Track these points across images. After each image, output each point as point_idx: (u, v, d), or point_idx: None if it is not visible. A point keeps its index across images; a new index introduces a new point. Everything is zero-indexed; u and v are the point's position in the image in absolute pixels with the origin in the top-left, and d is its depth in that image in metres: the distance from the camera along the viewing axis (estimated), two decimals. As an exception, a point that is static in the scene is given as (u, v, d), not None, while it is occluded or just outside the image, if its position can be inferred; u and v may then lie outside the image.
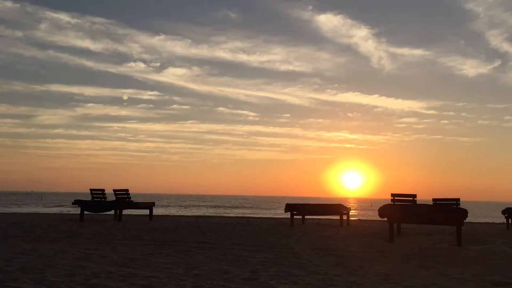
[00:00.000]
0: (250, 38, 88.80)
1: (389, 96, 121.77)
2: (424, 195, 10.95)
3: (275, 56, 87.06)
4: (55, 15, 72.32)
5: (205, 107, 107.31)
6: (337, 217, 16.59)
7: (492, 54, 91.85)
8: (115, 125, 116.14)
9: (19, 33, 77.55)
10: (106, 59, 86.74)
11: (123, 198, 15.96)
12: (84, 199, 16.51)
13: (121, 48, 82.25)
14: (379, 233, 12.56)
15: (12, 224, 13.47)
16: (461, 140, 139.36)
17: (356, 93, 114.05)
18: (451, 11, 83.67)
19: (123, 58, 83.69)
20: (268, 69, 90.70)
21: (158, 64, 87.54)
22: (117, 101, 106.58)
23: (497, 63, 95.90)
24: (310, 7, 77.48)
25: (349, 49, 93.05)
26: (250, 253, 7.71)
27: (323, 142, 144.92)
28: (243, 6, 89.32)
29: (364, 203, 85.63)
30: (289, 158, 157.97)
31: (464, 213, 9.85)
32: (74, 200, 16.14)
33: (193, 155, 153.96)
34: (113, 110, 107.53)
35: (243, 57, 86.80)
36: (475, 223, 20.89)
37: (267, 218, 23.11)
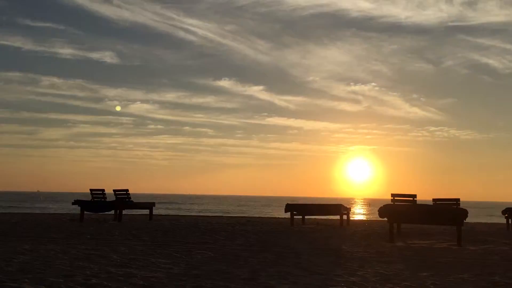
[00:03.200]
0: (186, 91, 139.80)
1: (307, 120, 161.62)
2: (421, 195, 11.23)
3: (208, 99, 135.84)
4: (48, 78, 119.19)
5: (173, 126, 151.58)
6: (337, 217, 16.58)
7: (353, 99, 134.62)
8: (105, 139, 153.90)
9: (27, 87, 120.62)
10: (89, 101, 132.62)
11: (123, 198, 15.96)
12: (84, 199, 16.51)
13: (98, 95, 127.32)
14: (379, 233, 12.57)
15: (12, 224, 13.48)
16: (397, 149, 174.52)
17: (283, 118, 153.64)
18: (295, 81, 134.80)
19: (101, 100, 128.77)
20: (205, 106, 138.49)
21: (129, 103, 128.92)
22: (103, 124, 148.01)
23: (364, 104, 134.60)
24: (211, 78, 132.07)
25: (253, 97, 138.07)
26: (250, 253, 7.70)
27: (283, 150, 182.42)
28: (170, 77, 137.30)
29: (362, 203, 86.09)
30: (265, 163, 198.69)
31: (464, 213, 9.84)
32: (74, 200, 16.11)
33: (180, 161, 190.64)
34: (101, 129, 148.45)
35: (186, 100, 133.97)
36: (475, 223, 20.89)
37: (267, 218, 23.11)
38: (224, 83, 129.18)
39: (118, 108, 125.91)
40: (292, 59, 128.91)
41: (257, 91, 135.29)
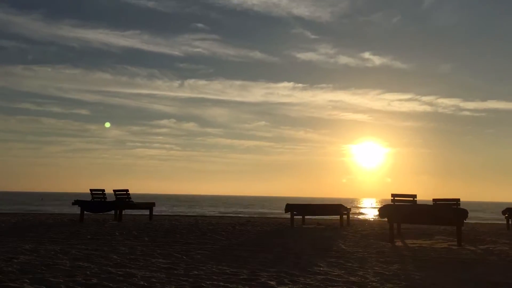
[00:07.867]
0: (143, 126, 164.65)
1: (247, 140, 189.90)
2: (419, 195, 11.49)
3: (161, 130, 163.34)
4: (46, 119, 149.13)
5: (147, 143, 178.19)
6: (337, 217, 16.58)
7: (261, 129, 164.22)
8: (97, 152, 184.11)
9: (31, 124, 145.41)
10: (78, 131, 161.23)
11: (123, 198, 15.95)
12: (84, 199, 16.50)
13: (83, 128, 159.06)
14: (379, 234, 12.57)
15: (12, 224, 13.48)
16: (335, 159, 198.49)
17: (223, 138, 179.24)
18: (211, 121, 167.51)
19: (87, 130, 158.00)
20: (162, 133, 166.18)
21: (105, 131, 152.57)
22: (93, 142, 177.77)
23: (273, 133, 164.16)
24: (154, 120, 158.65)
25: (190, 130, 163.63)
26: (250, 253, 7.70)
27: (244, 160, 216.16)
28: (126, 121, 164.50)
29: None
30: (233, 169, 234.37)
31: (464, 213, 9.84)
32: (74, 200, 16.09)
33: (166, 165, 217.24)
34: (92, 145, 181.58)
35: (147, 130, 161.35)
36: (475, 223, 20.89)
37: (267, 218, 23.11)
38: (166, 122, 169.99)
39: (107, 125, 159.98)
40: (196, 111, 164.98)
41: (191, 126, 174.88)
